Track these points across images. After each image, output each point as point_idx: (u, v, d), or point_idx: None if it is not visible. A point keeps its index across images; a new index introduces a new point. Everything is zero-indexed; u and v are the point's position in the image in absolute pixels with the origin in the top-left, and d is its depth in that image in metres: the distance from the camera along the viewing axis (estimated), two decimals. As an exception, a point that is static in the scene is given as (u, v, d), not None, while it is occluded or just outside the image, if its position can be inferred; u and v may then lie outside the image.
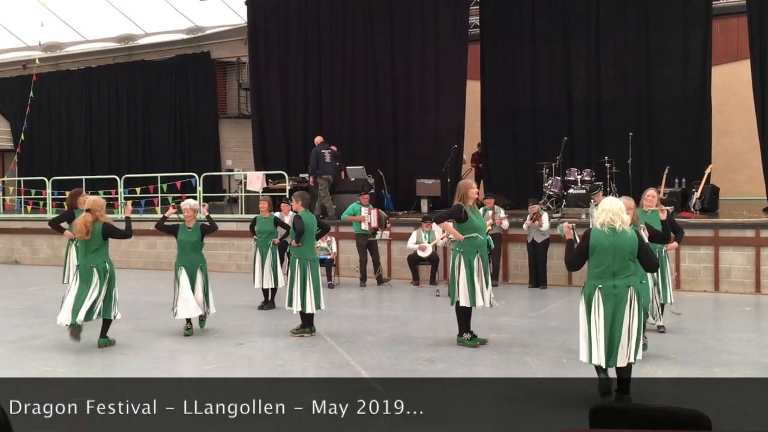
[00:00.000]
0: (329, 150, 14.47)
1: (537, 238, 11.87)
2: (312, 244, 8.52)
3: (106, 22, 20.69)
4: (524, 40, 15.62)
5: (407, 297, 11.63)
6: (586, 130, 15.17)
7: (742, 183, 16.05)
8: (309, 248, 8.43)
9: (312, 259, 8.41)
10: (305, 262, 8.33)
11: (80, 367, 7.28)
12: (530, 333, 8.57)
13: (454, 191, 7.98)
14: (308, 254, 8.39)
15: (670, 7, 14.50)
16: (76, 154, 22.49)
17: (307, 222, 8.41)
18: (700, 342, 8.00)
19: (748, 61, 13.89)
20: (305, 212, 8.48)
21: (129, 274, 14.40)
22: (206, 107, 21.44)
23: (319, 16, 17.38)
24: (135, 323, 9.39)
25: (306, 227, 8.34)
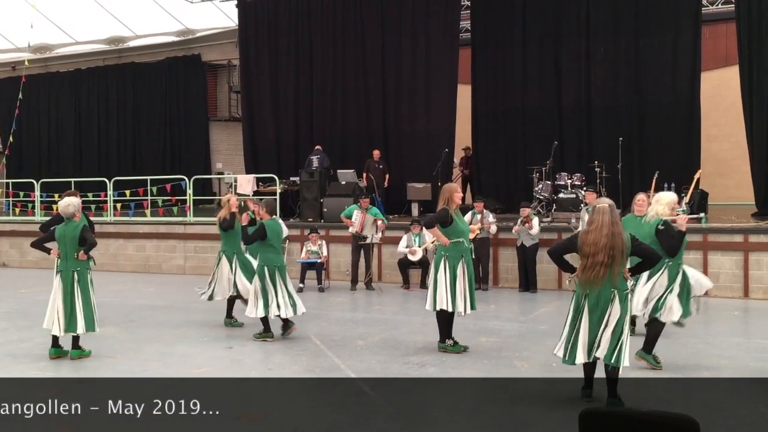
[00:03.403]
0: None
1: (526, 242, 11.89)
2: (277, 250, 8.53)
3: (95, 23, 20.63)
4: (515, 45, 15.67)
5: (397, 301, 11.62)
6: (577, 134, 15.23)
7: (730, 188, 16.15)
8: (275, 255, 8.46)
9: (279, 266, 8.41)
10: (273, 269, 8.35)
11: (68, 369, 7.23)
12: (520, 337, 8.58)
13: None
14: (276, 261, 8.41)
15: (659, 12, 14.58)
16: (65, 157, 22.40)
17: (272, 230, 8.43)
18: (690, 346, 8.03)
19: (736, 67, 13.98)
20: (271, 220, 8.52)
21: (118, 277, 14.35)
22: (197, 110, 21.39)
23: (309, 19, 17.38)
24: (124, 326, 9.34)
25: (270, 235, 8.36)
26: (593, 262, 5.59)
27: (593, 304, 5.67)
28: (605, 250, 5.55)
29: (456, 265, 7.53)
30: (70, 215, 7.57)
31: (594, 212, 5.75)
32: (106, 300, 8.92)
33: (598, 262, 5.57)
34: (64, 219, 7.68)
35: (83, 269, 7.55)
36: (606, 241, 5.55)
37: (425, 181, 14.94)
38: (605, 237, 5.56)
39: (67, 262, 7.52)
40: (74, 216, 7.59)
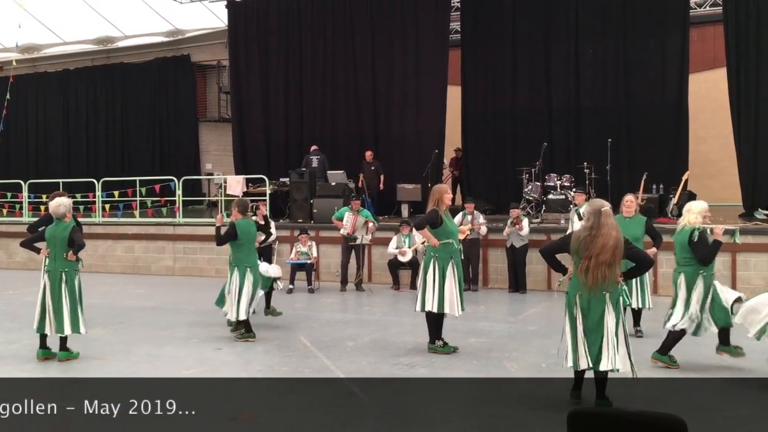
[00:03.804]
0: None
1: (516, 243, 11.92)
2: (250, 251, 8.52)
3: (84, 24, 20.51)
4: (504, 46, 15.71)
5: (387, 302, 11.62)
6: (566, 135, 15.29)
7: (718, 189, 16.23)
8: (247, 255, 8.46)
9: (250, 266, 8.42)
10: (244, 269, 8.37)
11: (56, 371, 7.19)
12: (510, 338, 8.60)
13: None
14: (246, 261, 8.42)
15: (648, 14, 14.66)
16: (53, 157, 22.27)
17: (244, 230, 8.43)
18: (678, 346, 8.06)
19: (724, 69, 14.07)
20: (242, 220, 8.50)
21: (107, 279, 14.28)
22: (186, 110, 21.31)
23: (299, 20, 17.36)
24: (112, 328, 9.30)
25: (241, 235, 8.37)
26: (598, 262, 5.54)
27: (585, 307, 5.66)
28: (611, 251, 5.55)
29: (445, 266, 7.53)
30: (61, 215, 7.54)
31: (601, 215, 5.64)
32: (94, 301, 8.87)
33: (603, 261, 5.54)
34: (54, 219, 7.64)
35: (71, 270, 7.52)
36: (613, 243, 5.55)
37: (415, 182, 14.95)
38: (614, 239, 5.56)
39: (56, 262, 7.49)
40: (65, 216, 7.56)
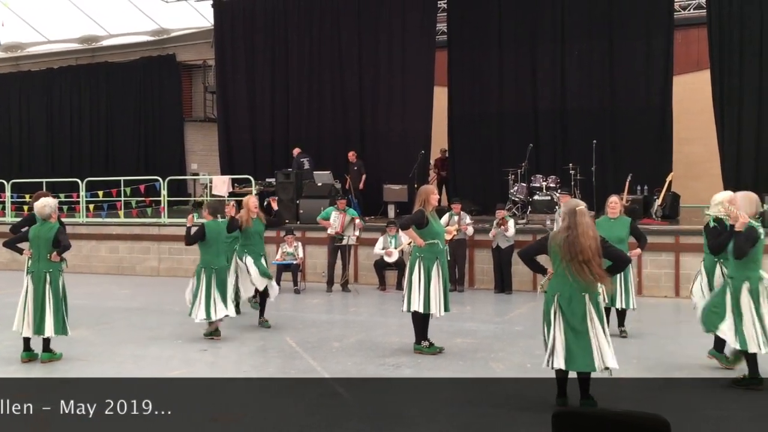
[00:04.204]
0: None
1: (502, 244, 11.95)
2: (217, 252, 8.56)
3: (68, 22, 20.34)
4: (491, 47, 15.76)
5: (373, 302, 11.62)
6: (551, 137, 15.35)
7: (702, 190, 16.29)
8: (214, 257, 8.50)
9: (217, 267, 8.46)
10: (210, 271, 8.41)
11: (39, 373, 7.13)
12: (495, 338, 8.62)
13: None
14: (213, 263, 8.45)
15: (633, 17, 14.75)
16: (36, 157, 22.09)
17: (213, 231, 8.48)
18: (662, 347, 8.13)
19: (708, 72, 14.19)
20: (212, 221, 8.56)
21: (90, 279, 14.18)
22: (171, 110, 21.20)
23: (286, 19, 17.33)
24: (97, 329, 9.24)
25: (209, 236, 8.42)
26: (583, 259, 5.51)
27: (565, 308, 5.65)
28: (591, 250, 5.54)
29: (431, 267, 7.54)
30: (47, 216, 7.48)
31: (576, 214, 5.62)
32: (78, 302, 8.79)
33: (586, 259, 5.52)
34: (38, 219, 7.57)
35: (55, 271, 7.45)
36: (594, 244, 5.54)
37: (401, 182, 14.96)
38: (591, 238, 5.55)
39: (40, 263, 7.42)
40: (50, 217, 7.50)
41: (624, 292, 8.29)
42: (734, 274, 6.36)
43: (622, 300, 8.30)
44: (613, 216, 8.36)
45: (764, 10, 13.49)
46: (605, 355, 5.61)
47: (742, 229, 6.16)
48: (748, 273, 6.27)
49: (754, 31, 13.53)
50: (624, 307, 8.38)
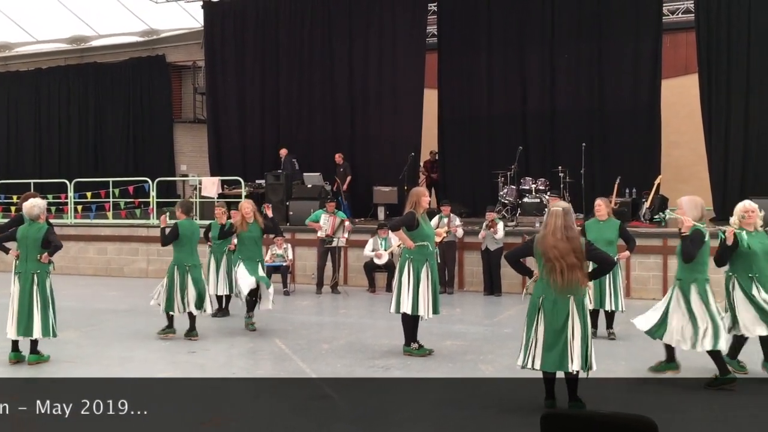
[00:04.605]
0: None
1: (491, 246, 11.98)
2: (191, 250, 8.72)
3: (57, 22, 20.23)
4: (480, 50, 15.80)
5: (363, 304, 11.62)
6: (541, 139, 15.40)
7: (689, 193, 16.31)
8: (188, 255, 8.68)
9: (190, 265, 8.64)
10: (183, 269, 8.61)
11: (26, 374, 7.09)
12: (485, 340, 8.64)
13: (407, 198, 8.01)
14: (186, 260, 8.64)
15: (622, 21, 14.83)
16: (24, 157, 21.94)
17: (186, 230, 8.63)
18: (649, 348, 8.15)
19: (696, 75, 14.28)
20: (186, 220, 8.73)
21: (78, 281, 14.10)
22: (161, 111, 21.09)
23: (276, 21, 17.31)
24: (84, 331, 9.19)
25: (183, 235, 8.58)
26: (567, 265, 5.49)
27: (549, 310, 5.65)
28: (572, 254, 5.52)
29: (420, 269, 7.55)
30: (35, 216, 7.43)
31: (548, 215, 5.70)
32: (66, 304, 8.75)
33: (571, 264, 5.50)
34: (26, 220, 7.52)
35: (43, 272, 7.40)
36: (565, 245, 5.53)
37: (391, 184, 14.97)
38: (562, 241, 5.53)
39: (27, 263, 7.36)
40: (39, 218, 7.45)
41: (613, 294, 8.34)
42: (682, 276, 6.53)
43: (611, 302, 8.35)
44: (600, 218, 8.41)
45: (752, 15, 13.59)
46: (582, 356, 5.59)
47: (688, 232, 6.35)
48: (695, 275, 6.43)
49: (741, 35, 13.63)
50: (613, 309, 8.43)
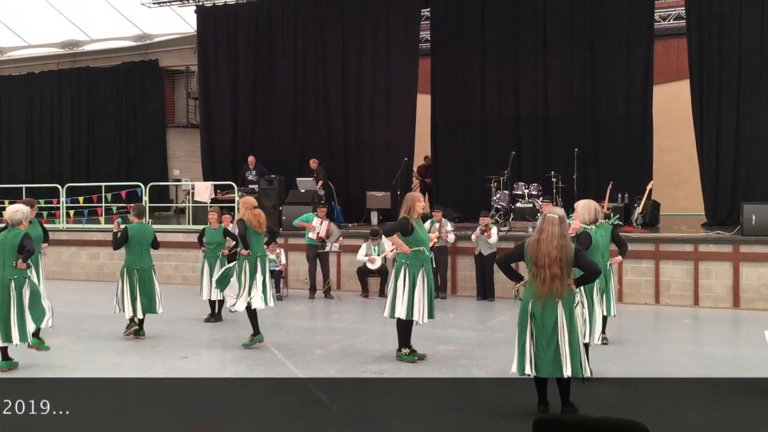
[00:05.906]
0: None
1: (484, 251, 12.00)
2: (140, 253, 8.91)
3: (50, 27, 20.20)
4: (474, 55, 15.84)
5: (356, 309, 11.61)
6: (534, 145, 15.44)
7: (681, 199, 16.54)
8: (137, 257, 8.89)
9: (139, 267, 8.85)
10: (132, 272, 8.85)
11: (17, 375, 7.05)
12: (478, 345, 8.65)
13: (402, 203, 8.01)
14: (136, 263, 8.88)
15: (614, 27, 14.89)
16: (16, 162, 21.85)
17: (136, 233, 8.85)
18: (641, 353, 8.20)
19: (687, 81, 14.35)
20: (137, 224, 8.95)
21: (70, 286, 14.04)
22: (154, 116, 21.08)
23: (270, 26, 17.32)
24: (76, 336, 9.16)
25: (133, 237, 8.81)
26: (550, 274, 5.51)
27: (539, 315, 5.66)
28: (557, 262, 5.53)
29: (416, 274, 7.55)
30: (17, 222, 7.36)
31: (543, 221, 5.69)
32: (58, 309, 8.64)
33: (554, 274, 5.52)
34: (8, 226, 7.44)
35: (20, 278, 7.27)
36: (557, 253, 5.54)
37: (385, 189, 14.97)
38: (556, 249, 5.54)
39: (4, 270, 7.23)
40: (20, 224, 7.37)
41: (605, 299, 8.34)
42: None
43: (603, 307, 8.35)
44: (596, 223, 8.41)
45: (743, 21, 13.68)
46: (575, 361, 5.60)
47: (575, 234, 6.56)
48: None
49: (733, 41, 13.72)
50: (605, 314, 8.43)
